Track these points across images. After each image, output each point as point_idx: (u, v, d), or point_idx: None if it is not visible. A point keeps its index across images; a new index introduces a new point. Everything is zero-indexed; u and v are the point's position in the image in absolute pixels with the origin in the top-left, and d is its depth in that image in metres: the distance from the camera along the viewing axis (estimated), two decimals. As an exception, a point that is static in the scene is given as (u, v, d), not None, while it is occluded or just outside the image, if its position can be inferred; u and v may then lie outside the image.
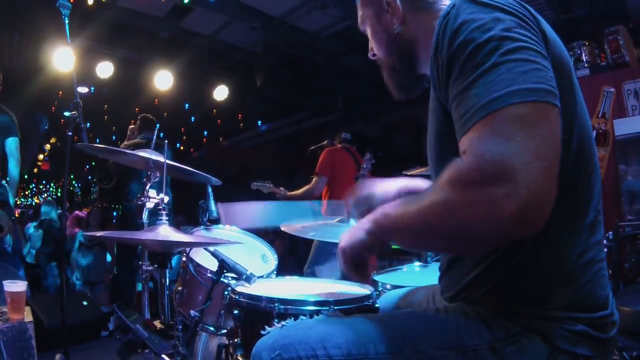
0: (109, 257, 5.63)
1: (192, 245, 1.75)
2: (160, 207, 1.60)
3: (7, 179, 3.13)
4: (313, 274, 3.48)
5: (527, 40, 0.75)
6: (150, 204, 1.78)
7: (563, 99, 0.79)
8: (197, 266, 1.76)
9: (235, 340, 1.28)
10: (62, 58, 4.66)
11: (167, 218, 1.48)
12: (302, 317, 1.03)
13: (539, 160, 0.68)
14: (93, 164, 13.33)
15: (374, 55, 1.15)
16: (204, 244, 1.66)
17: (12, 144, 3.22)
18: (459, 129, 0.76)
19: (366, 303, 1.20)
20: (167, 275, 1.82)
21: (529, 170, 0.67)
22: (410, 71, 1.10)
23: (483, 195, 0.68)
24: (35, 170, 13.48)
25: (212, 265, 1.62)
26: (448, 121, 0.81)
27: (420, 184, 1.22)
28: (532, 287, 0.84)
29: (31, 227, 5.88)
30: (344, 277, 1.00)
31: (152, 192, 1.78)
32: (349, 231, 0.95)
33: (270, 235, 6.49)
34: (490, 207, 0.68)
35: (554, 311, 0.82)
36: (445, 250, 1.00)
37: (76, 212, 6.65)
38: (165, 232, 1.43)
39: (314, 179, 3.81)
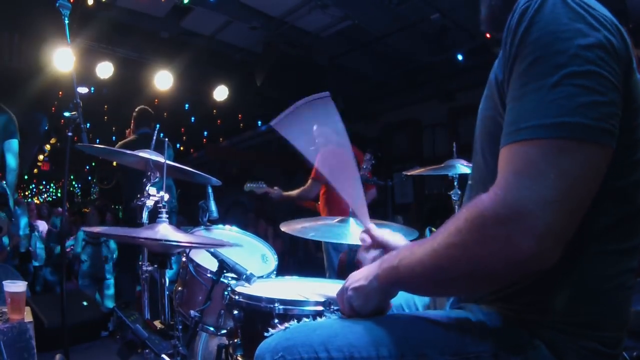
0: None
1: (192, 245, 1.74)
2: (160, 206, 1.59)
3: (5, 181, 3.14)
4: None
5: (602, 65, 0.69)
6: (150, 202, 1.77)
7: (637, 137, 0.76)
8: (197, 266, 1.76)
9: (235, 340, 1.28)
10: (62, 58, 4.65)
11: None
12: (305, 319, 1.03)
13: (564, 201, 0.66)
14: (93, 164, 13.31)
15: None
16: (203, 245, 1.66)
17: (11, 145, 3.22)
18: (504, 135, 0.74)
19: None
20: (167, 275, 1.81)
21: (551, 210, 0.66)
22: (506, 6, 0.93)
23: (501, 230, 0.68)
24: (35, 170, 13.46)
25: (212, 265, 1.62)
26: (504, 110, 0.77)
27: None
28: (552, 302, 0.81)
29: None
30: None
31: (152, 190, 1.78)
32: (358, 292, 0.92)
33: (270, 235, 6.50)
34: (507, 243, 0.67)
35: (570, 327, 0.80)
36: (461, 292, 0.95)
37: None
38: (165, 231, 1.42)
39: (310, 182, 3.69)
